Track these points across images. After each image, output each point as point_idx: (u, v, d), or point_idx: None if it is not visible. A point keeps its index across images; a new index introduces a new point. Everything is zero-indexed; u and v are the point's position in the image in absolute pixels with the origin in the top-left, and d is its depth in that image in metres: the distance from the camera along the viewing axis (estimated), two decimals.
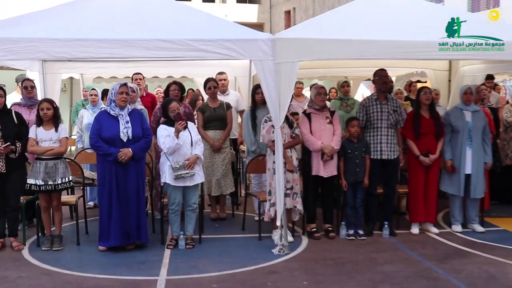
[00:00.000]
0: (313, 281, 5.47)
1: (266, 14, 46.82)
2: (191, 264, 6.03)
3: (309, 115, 7.03)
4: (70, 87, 15.40)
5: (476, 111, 7.37)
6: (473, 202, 7.38)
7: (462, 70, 9.24)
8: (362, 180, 6.99)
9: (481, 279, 5.57)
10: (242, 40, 6.18)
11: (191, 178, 6.48)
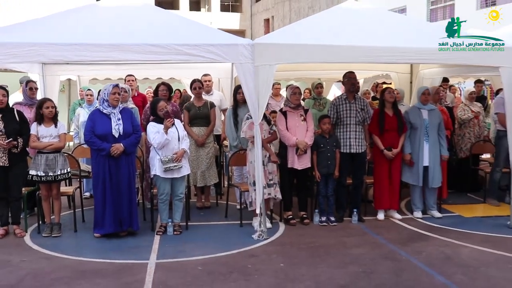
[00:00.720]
0: (289, 263, 5.47)
1: (248, 22, 46.80)
2: (179, 248, 6.00)
3: (285, 113, 7.02)
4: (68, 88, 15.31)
5: (432, 110, 7.42)
6: (431, 191, 7.44)
7: (422, 73, 9.31)
8: (333, 172, 6.99)
9: (439, 259, 5.62)
10: (224, 45, 6.17)
11: (179, 170, 6.47)
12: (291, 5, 39.78)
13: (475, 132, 8.94)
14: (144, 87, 11.87)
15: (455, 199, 8.42)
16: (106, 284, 4.89)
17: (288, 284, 4.88)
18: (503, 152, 7.70)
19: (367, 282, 4.93)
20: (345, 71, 7.42)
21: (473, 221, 7.28)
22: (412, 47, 6.61)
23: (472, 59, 6.82)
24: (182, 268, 5.33)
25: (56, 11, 7.11)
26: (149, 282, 4.93)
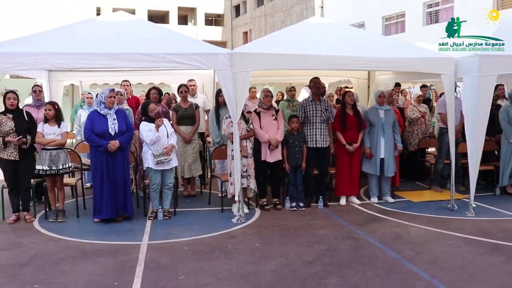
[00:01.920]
0: (264, 243, 5.48)
1: (229, 34, 46.70)
2: (168, 231, 5.97)
3: (259, 113, 7.02)
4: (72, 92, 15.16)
5: (387, 110, 7.47)
6: (386, 179, 7.50)
7: (378, 78, 9.37)
8: (301, 164, 7.01)
9: (391, 238, 5.67)
10: (207, 54, 6.13)
11: (169, 162, 6.47)
12: (266, 20, 39.78)
13: (422, 129, 9.01)
14: (137, 91, 11.84)
15: (406, 187, 8.49)
16: (104, 262, 4.86)
17: (263, 261, 4.88)
18: (444, 146, 7.81)
19: (330, 258, 4.95)
20: (312, 76, 7.44)
21: (420, 205, 7.36)
22: (369, 56, 6.63)
23: (419, 67, 6.89)
24: (170, 248, 5.31)
25: (55, 12, 7.10)
26: (142, 260, 4.90)
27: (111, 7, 36.56)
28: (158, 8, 44.22)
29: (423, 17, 24.53)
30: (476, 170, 6.73)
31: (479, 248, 5.27)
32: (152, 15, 43.37)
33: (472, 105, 6.60)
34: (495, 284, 4.31)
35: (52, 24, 15.67)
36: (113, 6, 36.53)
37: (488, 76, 6.52)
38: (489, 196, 7.85)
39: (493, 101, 7.84)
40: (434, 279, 4.38)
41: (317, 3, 32.53)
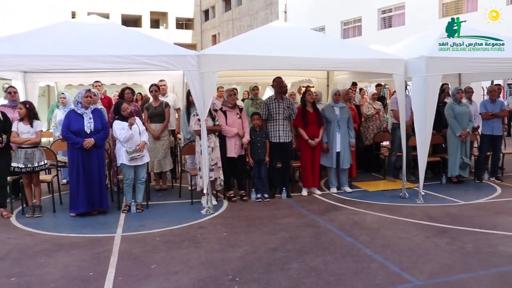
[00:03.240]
0: (231, 232, 5.48)
1: (198, 37, 46.37)
2: (140, 223, 5.91)
3: (225, 112, 6.99)
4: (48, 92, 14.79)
5: (342, 107, 7.55)
6: (343, 171, 7.59)
7: (336, 78, 9.47)
8: (264, 158, 7.03)
9: (348, 225, 5.75)
10: (175, 55, 6.08)
11: (141, 158, 6.42)
12: (234, 24, 39.66)
13: (377, 125, 9.16)
14: (112, 91, 11.61)
15: (362, 177, 8.62)
16: (80, 254, 4.76)
17: (230, 249, 4.88)
18: (397, 140, 7.96)
19: (292, 245, 4.98)
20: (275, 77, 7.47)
21: (375, 194, 7.48)
22: (328, 57, 6.69)
23: (372, 67, 6.99)
24: (143, 239, 5.26)
25: (55, 12, 6.90)
26: (116, 251, 4.84)
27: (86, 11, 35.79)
28: (131, 13, 43.50)
29: (378, 22, 24.93)
30: (425, 162, 6.90)
31: (427, 232, 5.40)
32: (125, 19, 42.64)
33: (420, 102, 6.75)
34: (440, 263, 4.43)
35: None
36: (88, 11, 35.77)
37: (434, 76, 6.68)
38: (436, 184, 8.05)
39: (441, 99, 8.09)
40: (386, 261, 4.47)
41: (281, 8, 32.63)
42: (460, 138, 7.90)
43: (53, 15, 33.27)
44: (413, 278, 4.07)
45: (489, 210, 6.34)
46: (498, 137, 8.35)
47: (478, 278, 4.07)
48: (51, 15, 33.08)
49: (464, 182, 8.16)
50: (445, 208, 6.52)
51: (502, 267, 4.31)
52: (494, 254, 4.64)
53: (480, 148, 8.49)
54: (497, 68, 7.21)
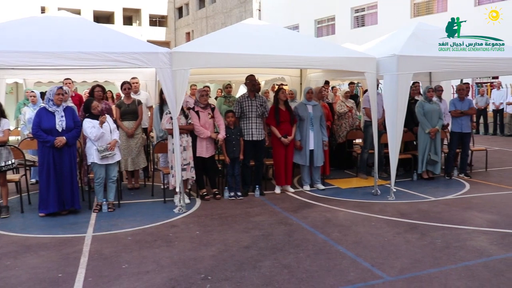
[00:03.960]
0: (204, 231, 5.45)
1: (172, 34, 46.02)
2: (112, 223, 5.82)
3: (198, 112, 6.94)
4: (16, 90, 14.43)
5: (315, 105, 7.59)
6: (316, 169, 7.63)
7: (309, 76, 9.51)
8: (238, 156, 7.01)
9: (321, 222, 5.78)
10: (147, 53, 6.00)
11: (112, 157, 6.34)
12: (207, 22, 39.51)
13: (349, 123, 9.24)
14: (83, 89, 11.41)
15: (335, 175, 8.69)
16: (48, 255, 4.66)
17: (202, 247, 4.85)
18: (369, 137, 8.05)
19: (265, 242, 4.99)
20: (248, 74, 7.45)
21: (348, 191, 7.54)
22: (301, 56, 6.73)
23: (345, 66, 7.05)
24: (114, 239, 5.18)
25: (24, 7, 6.67)
26: (86, 252, 4.75)
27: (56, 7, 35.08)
28: (103, 9, 42.85)
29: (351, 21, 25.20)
30: (396, 159, 6.98)
31: (398, 228, 5.47)
32: (97, 16, 41.97)
33: (391, 100, 6.84)
34: (410, 258, 4.50)
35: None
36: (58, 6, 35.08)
37: (405, 74, 6.78)
38: (408, 181, 8.18)
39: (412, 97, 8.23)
40: (358, 257, 4.52)
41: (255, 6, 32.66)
42: (429, 135, 8.05)
43: (22, 10, 32.48)
44: (383, 274, 4.12)
45: (458, 206, 6.48)
46: (467, 135, 8.53)
47: (446, 272, 4.15)
48: (20, 10, 32.30)
49: (434, 178, 8.32)
50: (416, 204, 6.63)
51: (469, 261, 4.41)
52: (462, 249, 4.74)
53: (449, 145, 8.66)
54: (465, 67, 7.36)
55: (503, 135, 15.92)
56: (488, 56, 7.37)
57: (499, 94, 15.90)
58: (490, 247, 4.80)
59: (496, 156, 11.02)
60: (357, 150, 9.25)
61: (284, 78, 10.18)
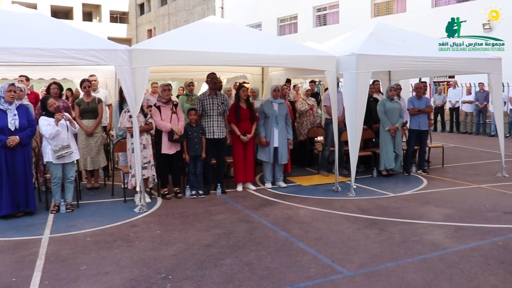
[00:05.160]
0: (164, 230, 5.41)
1: (133, 31, 45.30)
2: (70, 224, 5.69)
3: (159, 107, 6.88)
4: None
5: (281, 103, 7.65)
6: (279, 166, 7.69)
7: (271, 74, 9.56)
8: (200, 154, 6.98)
9: (282, 219, 5.82)
10: (105, 50, 5.88)
11: (69, 156, 6.16)
12: (170, 19, 39.09)
13: (311, 120, 9.34)
14: (39, 87, 11.14)
15: (297, 172, 8.77)
16: (2, 259, 4.51)
17: (163, 247, 4.81)
18: (330, 135, 8.16)
19: (226, 240, 4.99)
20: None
21: (309, 188, 7.63)
22: (262, 54, 6.75)
23: (305, 64, 7.12)
24: (73, 240, 5.07)
25: None
26: (43, 254, 4.63)
27: (10, 0, 33.91)
28: (61, 4, 41.71)
29: (313, 20, 25.47)
30: (356, 156, 7.11)
31: (357, 224, 5.59)
32: (55, 11, 40.83)
33: (351, 98, 6.96)
34: (369, 253, 4.60)
35: None
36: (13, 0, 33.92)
37: (364, 73, 6.92)
38: (368, 178, 8.35)
39: (371, 95, 8.40)
40: (319, 254, 4.58)
41: (218, 4, 32.55)
42: (390, 133, 8.24)
43: None
44: (343, 269, 4.20)
45: (416, 201, 6.66)
46: (424, 132, 8.78)
47: (403, 265, 4.27)
48: None
49: (393, 175, 8.52)
50: (375, 200, 6.78)
51: (426, 254, 4.55)
52: (418, 243, 4.88)
53: (408, 143, 8.89)
54: (422, 66, 7.59)
55: (459, 132, 16.47)
56: (444, 56, 7.62)
57: (455, 92, 16.44)
58: (445, 240, 4.97)
59: (452, 152, 11.39)
60: (318, 148, 9.36)
61: (246, 76, 10.19)
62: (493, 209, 6.18)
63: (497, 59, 8.15)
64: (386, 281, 3.94)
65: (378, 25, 8.13)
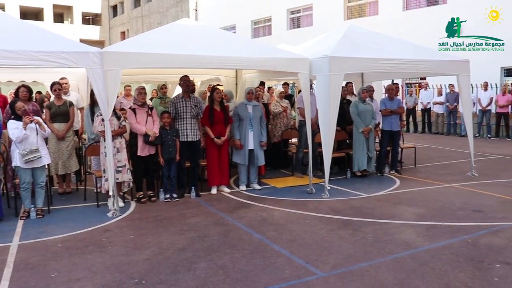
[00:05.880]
0: (138, 234, 5.35)
1: (107, 33, 44.69)
2: (41, 230, 5.57)
3: (134, 110, 6.82)
4: None
5: (255, 105, 7.66)
6: (254, 168, 7.70)
7: (244, 77, 9.56)
8: (174, 157, 6.93)
9: (257, 221, 5.83)
10: (76, 52, 5.79)
11: (39, 160, 6.02)
12: (143, 21, 38.73)
13: (284, 122, 9.38)
14: (8, 90, 10.90)
15: (271, 174, 8.79)
16: None
17: (136, 251, 4.76)
18: (303, 137, 8.22)
19: (200, 244, 4.96)
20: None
21: (284, 190, 7.65)
22: (235, 56, 6.74)
23: (278, 66, 7.15)
24: (43, 247, 4.96)
25: None
26: (11, 262, 4.51)
27: None
28: (31, 5, 40.79)
29: (287, 22, 25.60)
30: (330, 157, 7.16)
31: (331, 225, 5.63)
32: (25, 12, 39.97)
33: (324, 100, 7.02)
34: (343, 254, 4.64)
35: None
36: None
37: (337, 75, 6.98)
38: (342, 179, 8.43)
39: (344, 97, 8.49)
40: (293, 255, 4.60)
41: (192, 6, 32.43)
42: (364, 134, 8.35)
43: None
44: (317, 270, 4.22)
45: (389, 202, 6.76)
46: (397, 133, 8.92)
47: (376, 265, 4.32)
48: None
49: (367, 176, 8.62)
50: (349, 201, 6.84)
51: (398, 253, 4.62)
52: (391, 242, 4.95)
53: (380, 143, 9.01)
54: (394, 68, 7.72)
55: (430, 133, 16.79)
56: (415, 58, 7.77)
57: (426, 94, 16.76)
58: (416, 239, 5.05)
59: (424, 153, 11.61)
60: (292, 150, 9.40)
61: (219, 79, 10.17)
62: (463, 208, 6.33)
63: (465, 61, 8.36)
64: (359, 281, 3.98)
65: (351, 28, 8.24)
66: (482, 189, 7.43)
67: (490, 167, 9.47)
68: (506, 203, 6.57)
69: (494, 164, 9.96)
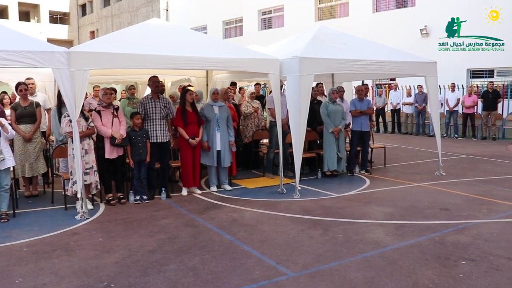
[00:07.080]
0: (107, 237, 5.27)
1: (75, 33, 43.89)
2: (5, 234, 5.42)
3: (99, 111, 6.71)
4: None
5: (221, 106, 7.63)
6: (223, 169, 7.67)
7: (215, 77, 9.56)
8: (145, 159, 6.86)
9: (227, 222, 5.82)
10: (42, 52, 5.67)
11: (2, 163, 5.85)
12: (113, 20, 38.21)
13: (255, 123, 9.40)
14: None
15: (242, 175, 8.81)
16: None
17: (105, 254, 4.69)
18: (274, 137, 8.26)
19: (170, 245, 4.93)
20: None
21: (255, 191, 7.68)
22: (206, 57, 6.73)
23: (249, 67, 7.17)
24: (7, 252, 4.82)
25: None
26: None
27: None
28: None
29: (259, 23, 25.67)
30: (300, 158, 7.23)
31: (302, 225, 5.67)
32: None
33: (294, 100, 7.07)
34: (313, 253, 4.68)
35: None
36: None
37: (307, 75, 7.05)
38: (313, 179, 8.51)
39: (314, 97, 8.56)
40: (263, 256, 4.61)
41: (163, 6, 32.18)
42: (334, 134, 8.44)
43: None
44: (288, 270, 4.25)
45: (359, 201, 6.86)
46: (366, 133, 9.05)
47: (346, 264, 4.38)
48: None
49: (337, 176, 8.72)
50: (320, 201, 6.91)
51: (367, 252, 4.69)
52: (361, 242, 5.02)
53: (351, 144, 9.13)
54: (363, 69, 7.84)
55: (400, 133, 17.11)
56: (384, 59, 7.91)
57: (396, 95, 17.08)
58: (386, 238, 5.14)
59: (394, 153, 11.82)
60: (263, 150, 9.43)
61: (190, 79, 10.13)
62: (431, 206, 6.47)
63: (433, 62, 8.55)
64: (329, 280, 4.02)
65: (321, 29, 8.33)
66: (449, 188, 7.62)
67: (457, 167, 9.72)
68: (471, 201, 6.76)
69: (461, 163, 10.22)
